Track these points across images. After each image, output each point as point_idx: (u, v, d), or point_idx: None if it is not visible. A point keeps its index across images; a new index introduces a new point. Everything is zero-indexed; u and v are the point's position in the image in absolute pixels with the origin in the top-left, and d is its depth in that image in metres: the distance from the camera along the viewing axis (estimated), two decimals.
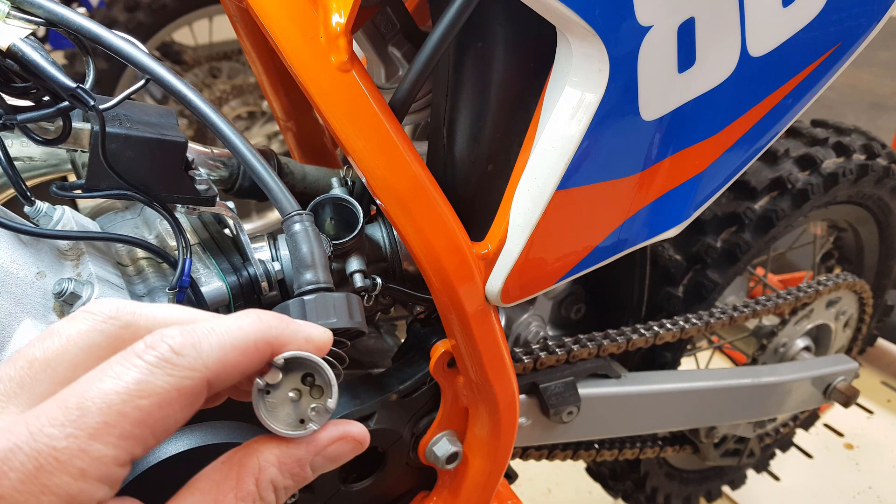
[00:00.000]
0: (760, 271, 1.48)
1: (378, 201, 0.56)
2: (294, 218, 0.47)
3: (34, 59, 0.43)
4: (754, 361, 1.23)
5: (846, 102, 3.73)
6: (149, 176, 0.50)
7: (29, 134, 0.47)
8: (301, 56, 0.51)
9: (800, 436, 1.58)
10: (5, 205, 0.52)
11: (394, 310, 0.79)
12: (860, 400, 1.82)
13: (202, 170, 0.55)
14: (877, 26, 0.64)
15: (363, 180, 0.56)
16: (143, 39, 1.98)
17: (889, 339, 1.94)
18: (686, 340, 1.09)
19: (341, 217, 0.63)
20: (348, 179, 0.68)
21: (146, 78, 0.47)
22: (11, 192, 0.54)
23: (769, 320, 1.28)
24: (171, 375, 0.29)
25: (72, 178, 0.53)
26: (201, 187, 0.53)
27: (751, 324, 1.29)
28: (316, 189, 0.70)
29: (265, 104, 2.34)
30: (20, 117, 0.45)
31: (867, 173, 1.14)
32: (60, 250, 0.52)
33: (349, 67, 0.52)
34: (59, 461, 0.26)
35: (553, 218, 0.58)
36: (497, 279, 0.60)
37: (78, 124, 0.50)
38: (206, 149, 0.65)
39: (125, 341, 0.31)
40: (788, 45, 0.61)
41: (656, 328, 0.95)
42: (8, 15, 0.44)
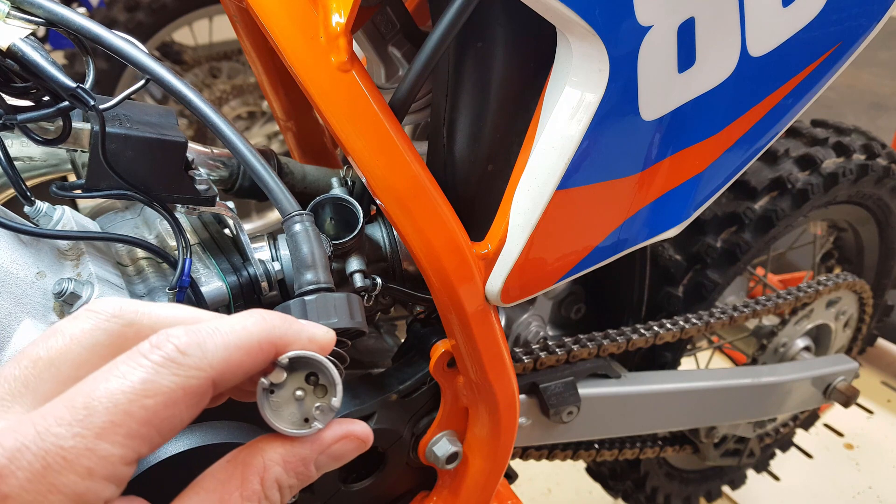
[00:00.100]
0: (760, 271, 1.48)
1: (378, 201, 0.56)
2: (294, 218, 0.47)
3: (34, 59, 0.43)
4: (754, 361, 1.23)
5: (846, 102, 3.73)
6: (149, 176, 0.50)
7: (29, 134, 0.47)
8: (301, 56, 0.51)
9: (800, 436, 1.58)
10: (5, 205, 0.52)
11: (394, 310, 0.79)
12: (860, 400, 1.82)
13: (202, 170, 0.55)
14: (877, 26, 0.64)
15: (363, 180, 0.56)
16: (143, 39, 1.98)
17: (889, 339, 1.94)
18: (686, 340, 1.09)
19: (341, 217, 0.63)
20: (348, 179, 0.68)
21: (146, 78, 0.47)
22: (11, 192, 0.54)
23: (769, 320, 1.28)
24: (177, 375, 0.29)
25: (72, 178, 0.53)
26: (201, 187, 0.53)
27: (751, 324, 1.29)
28: (316, 189, 0.70)
29: (265, 104, 2.34)
30: (20, 117, 0.45)
31: (867, 173, 1.14)
32: (60, 250, 0.52)
33: (349, 67, 0.52)
34: (67, 460, 0.26)
35: (553, 218, 0.58)
36: (497, 279, 0.60)
37: (78, 124, 0.50)
38: (206, 149, 0.65)
39: (128, 340, 0.31)
40: (788, 45, 0.61)
41: (656, 328, 0.95)
42: (8, 15, 0.44)
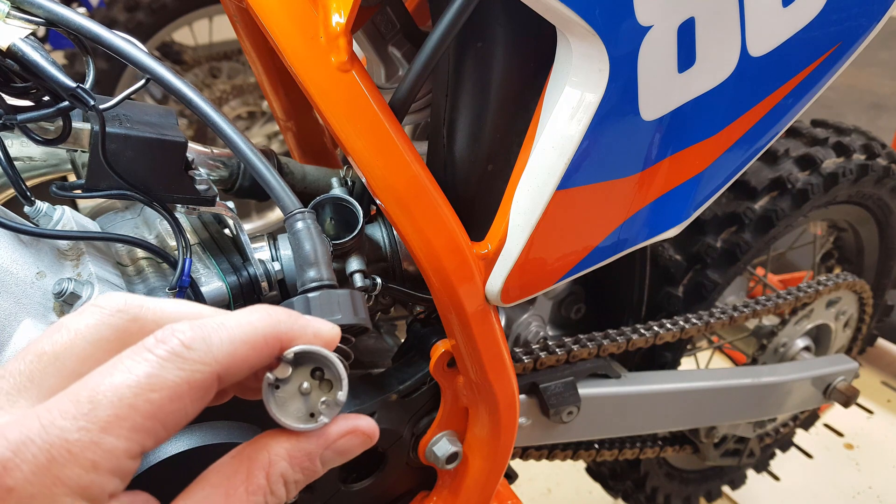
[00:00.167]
0: (760, 271, 1.48)
1: (378, 201, 0.56)
2: (296, 216, 0.47)
3: (34, 59, 0.43)
4: (754, 361, 1.23)
5: (846, 102, 3.72)
6: (149, 176, 0.50)
7: (29, 134, 0.47)
8: (301, 56, 0.51)
9: (800, 436, 1.58)
10: (5, 205, 0.52)
11: (394, 310, 0.79)
12: (860, 400, 1.82)
13: (202, 170, 0.55)
14: (877, 26, 0.64)
15: (363, 180, 0.56)
16: (143, 39, 1.98)
17: (889, 339, 1.94)
18: (686, 340, 1.09)
19: (341, 217, 0.63)
20: (348, 179, 0.68)
21: (146, 77, 0.47)
22: (11, 192, 0.54)
23: (769, 320, 1.28)
24: (182, 369, 0.29)
25: (72, 178, 0.53)
26: (201, 187, 0.53)
27: (751, 324, 1.29)
28: (316, 189, 0.70)
29: (265, 104, 2.34)
30: (20, 117, 0.45)
31: (867, 173, 1.14)
32: (60, 250, 0.52)
33: (349, 67, 0.52)
34: (72, 453, 0.26)
35: (553, 218, 0.58)
36: (497, 279, 0.60)
37: (78, 124, 0.50)
38: (206, 149, 0.65)
39: (133, 335, 0.31)
40: (788, 45, 0.61)
41: (656, 328, 0.95)
42: (8, 15, 0.44)
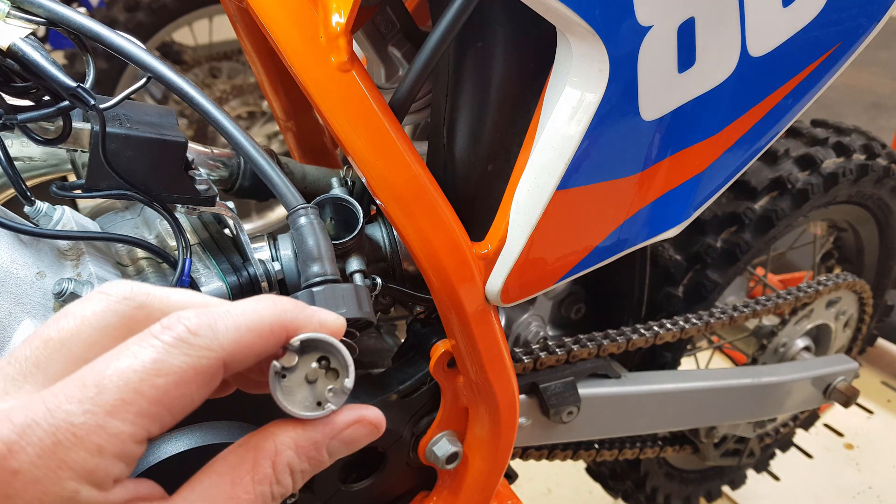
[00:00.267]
0: (760, 271, 1.48)
1: (378, 201, 0.56)
2: (299, 212, 0.48)
3: (34, 59, 0.43)
4: (754, 361, 1.23)
5: (846, 102, 3.72)
6: (149, 176, 0.50)
7: (29, 134, 0.47)
8: (301, 56, 0.51)
9: (800, 436, 1.58)
10: (5, 205, 0.52)
11: (394, 310, 0.79)
12: (860, 400, 1.81)
13: (202, 170, 0.55)
14: (877, 26, 0.64)
15: (363, 180, 0.56)
16: (143, 39, 1.98)
17: (889, 339, 1.94)
18: (686, 340, 1.09)
19: (341, 217, 0.63)
20: (348, 179, 0.68)
21: (147, 77, 0.47)
22: (11, 192, 0.54)
23: (769, 320, 1.28)
24: (188, 355, 0.29)
25: (72, 178, 0.53)
26: (201, 187, 0.53)
27: (751, 324, 1.29)
28: (316, 189, 0.70)
29: (265, 104, 2.34)
30: (20, 117, 0.45)
31: (867, 173, 1.14)
32: (60, 250, 0.52)
33: (349, 67, 0.52)
34: (77, 437, 0.27)
35: (553, 218, 0.58)
36: (497, 279, 0.60)
37: (78, 124, 0.50)
38: (206, 149, 0.65)
39: (139, 322, 0.31)
40: (788, 45, 0.61)
41: (656, 328, 0.95)
42: (8, 14, 0.44)
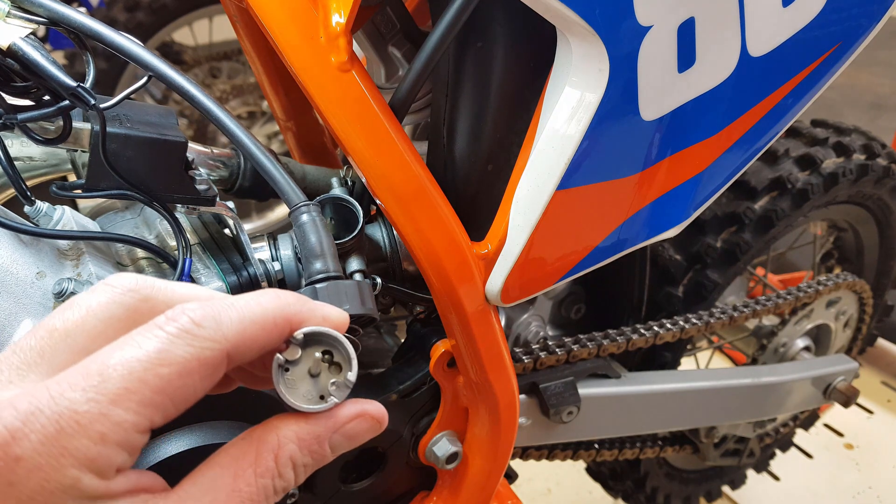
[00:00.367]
0: (760, 271, 1.48)
1: (378, 201, 0.56)
2: (301, 209, 0.48)
3: (35, 59, 0.43)
4: (754, 361, 1.23)
5: (846, 102, 3.72)
6: (149, 176, 0.50)
7: (29, 133, 0.47)
8: (301, 56, 0.51)
9: (800, 436, 1.58)
10: (5, 205, 0.52)
11: (394, 310, 0.79)
12: (860, 400, 1.81)
13: (202, 170, 0.55)
14: (877, 26, 0.64)
15: (363, 180, 0.56)
16: (143, 39, 1.97)
17: (889, 339, 1.94)
18: (686, 340, 1.09)
19: (341, 217, 0.63)
20: (348, 179, 0.68)
21: (147, 76, 0.47)
22: (11, 192, 0.54)
23: (769, 320, 1.28)
24: (192, 346, 0.29)
25: (72, 178, 0.53)
26: (201, 187, 0.53)
27: (751, 324, 1.29)
28: (316, 189, 0.70)
29: (265, 104, 2.34)
30: (20, 116, 0.45)
31: (867, 173, 1.14)
32: (60, 250, 0.52)
33: (349, 67, 0.52)
34: (80, 424, 0.27)
35: (553, 218, 0.58)
36: (497, 279, 0.60)
37: (78, 124, 0.50)
38: (206, 149, 0.65)
39: (143, 314, 0.31)
40: (788, 45, 0.61)
41: (656, 328, 0.95)
42: (8, 14, 0.44)
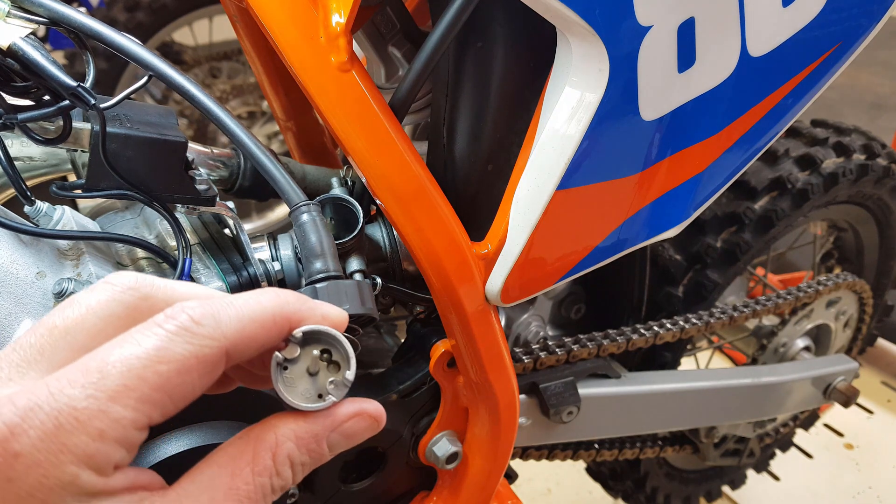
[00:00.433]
0: (760, 271, 1.48)
1: (378, 201, 0.56)
2: (301, 208, 0.48)
3: (35, 58, 0.43)
4: (754, 361, 1.23)
5: (846, 102, 3.72)
6: (149, 176, 0.50)
7: (29, 133, 0.47)
8: (301, 56, 0.51)
9: (800, 436, 1.58)
10: (5, 205, 0.52)
11: (394, 310, 0.79)
12: (860, 400, 1.81)
13: (202, 170, 0.55)
14: (877, 26, 0.64)
15: (363, 180, 0.56)
16: (143, 39, 1.97)
17: (889, 339, 1.94)
18: (686, 340, 1.09)
19: (341, 217, 0.63)
20: (348, 179, 0.68)
21: (147, 76, 0.47)
22: (11, 192, 0.54)
23: (769, 320, 1.28)
24: (191, 343, 0.29)
25: (72, 178, 0.53)
26: (201, 187, 0.53)
27: (751, 324, 1.29)
28: (316, 189, 0.70)
29: (265, 104, 2.35)
30: (20, 116, 0.45)
31: (867, 173, 1.14)
32: (60, 250, 0.52)
33: (349, 67, 0.52)
34: (79, 421, 0.27)
35: (553, 218, 0.58)
36: (497, 279, 0.60)
37: (78, 124, 0.50)
38: (206, 149, 0.65)
39: (143, 312, 0.31)
40: (788, 45, 0.61)
41: (656, 328, 0.95)
42: (9, 14, 0.44)
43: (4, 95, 0.45)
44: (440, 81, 0.62)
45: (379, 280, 0.62)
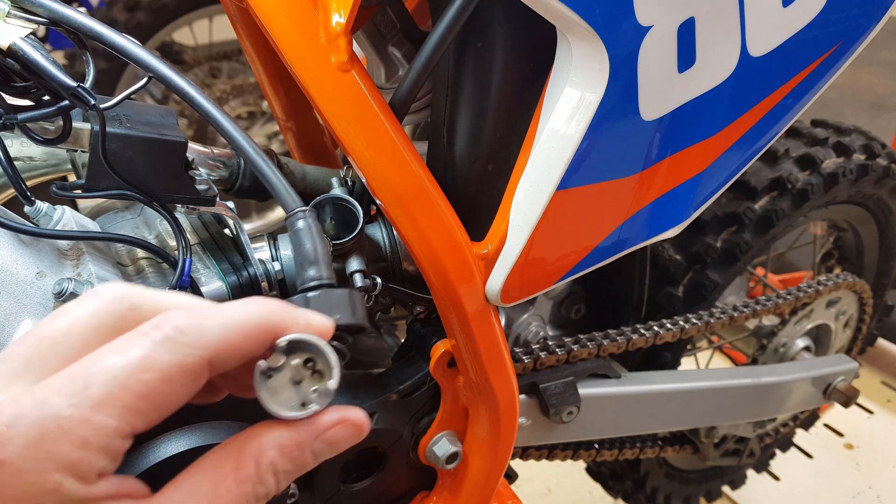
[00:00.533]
0: (760, 271, 1.48)
1: (378, 201, 0.56)
2: (297, 214, 0.47)
3: (35, 58, 0.43)
4: (754, 361, 1.23)
5: (846, 102, 3.73)
6: (149, 176, 0.50)
7: (29, 134, 0.47)
8: (301, 56, 0.51)
9: (800, 436, 1.58)
10: (5, 205, 0.52)
11: (394, 310, 0.79)
12: (860, 400, 1.81)
13: (202, 170, 0.55)
14: (877, 26, 0.64)
15: (363, 180, 0.56)
16: (143, 39, 1.98)
17: (889, 339, 1.94)
18: (686, 340, 1.09)
19: (341, 217, 0.63)
20: (348, 179, 0.68)
21: (147, 76, 0.47)
22: (11, 192, 0.54)
23: (769, 320, 1.28)
24: (175, 353, 0.29)
25: (72, 178, 0.53)
26: (201, 187, 0.53)
27: (751, 324, 1.29)
28: (316, 189, 0.70)
29: (265, 104, 2.35)
30: (20, 116, 0.45)
31: (867, 173, 1.14)
32: (60, 250, 0.52)
33: (349, 67, 0.52)
34: (63, 429, 0.27)
35: (553, 218, 0.58)
36: (497, 279, 0.60)
37: (78, 124, 0.50)
38: (206, 149, 0.65)
39: (130, 323, 0.31)
40: (788, 45, 0.61)
41: (656, 328, 0.95)
42: (8, 14, 0.44)
43: (4, 95, 0.45)
44: (440, 81, 0.62)
45: (379, 280, 0.62)
